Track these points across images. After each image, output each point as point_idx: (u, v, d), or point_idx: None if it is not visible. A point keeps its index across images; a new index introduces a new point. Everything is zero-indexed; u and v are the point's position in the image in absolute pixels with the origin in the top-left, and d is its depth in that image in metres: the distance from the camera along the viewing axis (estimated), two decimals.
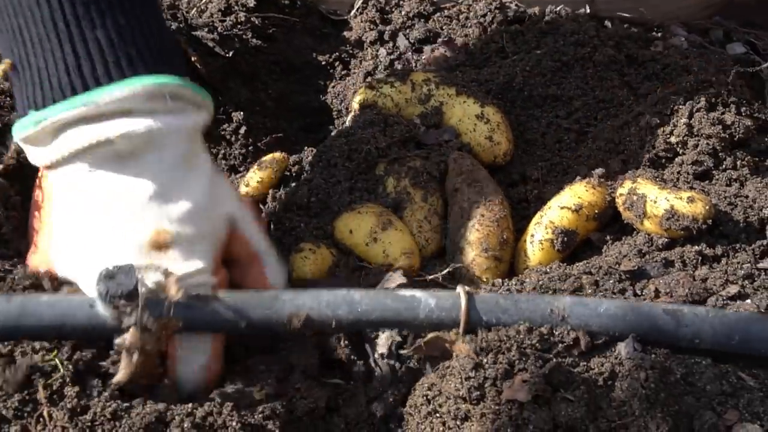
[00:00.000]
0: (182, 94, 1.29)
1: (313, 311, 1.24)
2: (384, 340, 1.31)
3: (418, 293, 1.27)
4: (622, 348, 1.25)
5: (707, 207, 1.39)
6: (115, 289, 1.15)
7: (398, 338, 1.30)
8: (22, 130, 1.26)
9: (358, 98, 1.68)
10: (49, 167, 1.27)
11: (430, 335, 1.26)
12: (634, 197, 1.43)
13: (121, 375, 1.17)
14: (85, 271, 1.23)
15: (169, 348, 1.23)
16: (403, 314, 1.25)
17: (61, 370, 1.15)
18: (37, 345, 1.16)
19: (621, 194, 1.46)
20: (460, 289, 1.26)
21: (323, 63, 1.85)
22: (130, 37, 1.27)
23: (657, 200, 1.41)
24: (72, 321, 1.19)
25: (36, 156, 1.27)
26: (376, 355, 1.30)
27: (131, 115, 1.24)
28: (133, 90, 1.24)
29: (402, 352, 1.28)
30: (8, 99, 1.54)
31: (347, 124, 1.66)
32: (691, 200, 1.39)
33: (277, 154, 1.64)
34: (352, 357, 1.30)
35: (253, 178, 1.61)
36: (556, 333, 1.25)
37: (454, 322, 1.25)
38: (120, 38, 1.26)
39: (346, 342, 1.30)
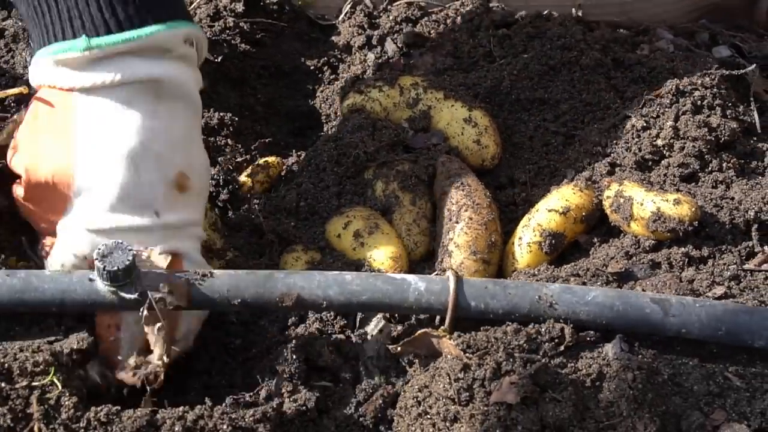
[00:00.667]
0: (199, 45, 1.38)
1: (305, 291, 1.25)
2: (372, 344, 1.32)
3: (408, 277, 1.29)
4: (610, 348, 1.26)
5: (693, 209, 1.40)
6: (112, 265, 1.18)
7: (388, 341, 1.31)
8: (61, 52, 1.30)
9: (346, 102, 1.69)
10: (79, 90, 1.31)
11: (418, 332, 1.27)
12: (621, 200, 1.44)
13: (158, 353, 1.22)
14: (112, 186, 1.29)
15: None
16: (393, 297, 1.26)
17: (59, 387, 1.15)
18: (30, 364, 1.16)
19: (608, 197, 1.47)
20: (449, 273, 1.26)
21: (312, 68, 1.86)
22: None
23: (644, 202, 1.42)
24: (72, 296, 1.22)
25: (66, 77, 1.31)
26: (365, 358, 1.31)
27: (170, 54, 1.32)
28: (176, 33, 1.32)
29: (389, 347, 1.29)
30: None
31: (336, 128, 1.67)
32: (677, 202, 1.40)
33: (272, 158, 1.65)
34: (340, 360, 1.30)
35: (247, 182, 1.62)
36: (543, 331, 1.26)
37: (444, 306, 1.26)
38: None
39: (332, 348, 1.31)
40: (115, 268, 1.19)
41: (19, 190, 1.34)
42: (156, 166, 1.31)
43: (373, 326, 1.33)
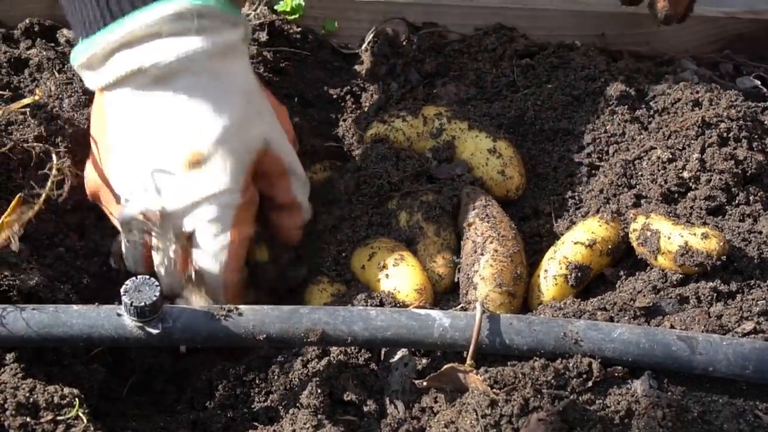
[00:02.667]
0: (212, 14, 1.35)
1: (329, 326, 1.25)
2: (398, 377, 1.31)
3: (433, 312, 1.28)
4: (638, 385, 1.25)
5: (721, 243, 1.38)
6: (139, 300, 1.19)
7: (414, 375, 1.30)
8: (76, 57, 1.36)
9: (369, 132, 1.68)
10: (102, 89, 1.37)
11: (445, 367, 1.26)
12: (648, 233, 1.43)
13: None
14: (132, 187, 1.37)
15: None
16: (418, 332, 1.26)
17: (84, 421, 1.15)
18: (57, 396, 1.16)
19: (634, 229, 1.46)
20: (477, 308, 1.26)
21: (335, 96, 1.85)
22: None
23: (671, 236, 1.40)
24: (100, 331, 1.22)
25: (91, 80, 1.37)
26: (390, 392, 1.30)
27: (161, 37, 1.32)
28: (163, 12, 1.31)
29: (415, 382, 1.27)
30: None
31: (359, 157, 1.66)
32: (705, 236, 1.39)
33: None
34: (364, 394, 1.29)
35: None
36: (571, 366, 1.25)
37: (468, 342, 1.26)
38: None
39: (357, 381, 1.30)
40: (142, 303, 1.19)
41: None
42: (164, 154, 1.35)
43: (398, 360, 1.32)
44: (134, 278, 1.21)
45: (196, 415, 1.29)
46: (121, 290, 1.20)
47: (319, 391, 1.27)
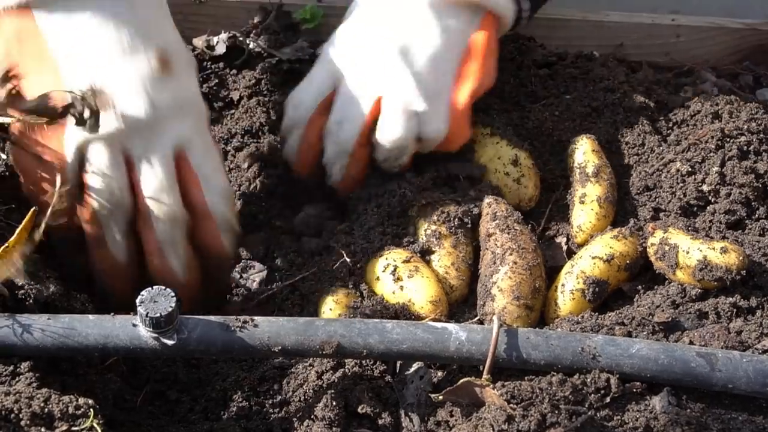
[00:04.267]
0: None
1: (345, 339, 1.24)
2: (413, 390, 1.30)
3: (449, 325, 1.27)
4: (657, 401, 1.24)
5: (741, 257, 1.37)
6: (154, 311, 1.19)
7: (429, 388, 1.29)
8: None
9: None
10: (22, 6, 1.31)
11: (461, 381, 1.25)
12: (666, 247, 1.42)
13: None
14: (112, 83, 1.31)
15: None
16: (434, 346, 1.25)
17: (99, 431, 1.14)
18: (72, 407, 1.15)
19: (652, 244, 1.44)
20: (495, 322, 1.25)
21: None
22: None
23: (689, 251, 1.39)
24: (115, 341, 1.21)
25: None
26: (405, 405, 1.29)
27: None
28: None
29: (431, 395, 1.27)
30: None
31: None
32: (724, 251, 1.38)
33: None
34: (379, 407, 1.28)
35: None
36: (589, 382, 1.24)
37: (484, 357, 1.25)
38: None
39: (372, 394, 1.29)
40: (158, 314, 1.19)
41: None
42: (135, 54, 1.33)
43: (413, 372, 1.32)
44: (150, 288, 1.20)
45: (211, 425, 1.28)
46: (137, 300, 1.20)
47: (333, 403, 1.26)
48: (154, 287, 1.21)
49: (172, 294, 1.20)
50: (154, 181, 1.36)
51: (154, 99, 1.33)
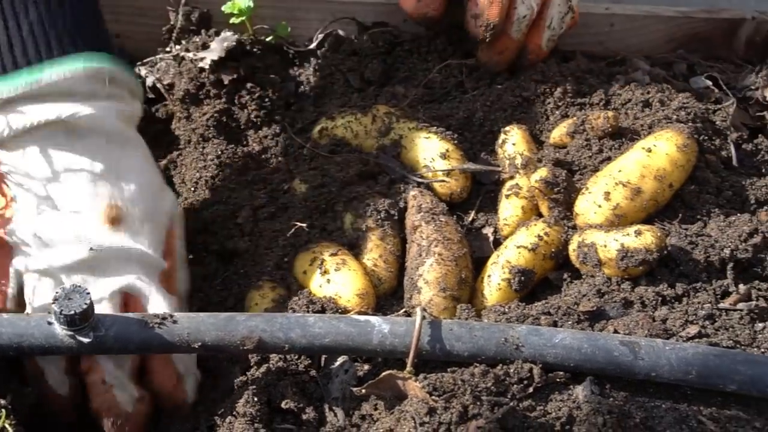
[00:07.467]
0: (120, 79, 1.34)
1: (266, 334, 1.23)
2: (338, 384, 1.28)
3: (372, 318, 1.26)
4: (580, 391, 1.23)
5: (657, 235, 1.37)
6: (69, 309, 1.16)
7: (354, 382, 1.28)
8: None
9: (317, 128, 1.66)
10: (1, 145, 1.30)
11: (383, 374, 1.24)
12: (585, 249, 1.41)
13: None
14: (50, 236, 1.29)
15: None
16: (356, 339, 1.24)
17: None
18: None
19: (573, 250, 1.43)
20: (417, 314, 1.24)
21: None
22: (69, 13, 1.31)
23: (606, 243, 1.39)
24: (30, 340, 1.19)
25: None
26: (330, 399, 1.28)
27: (73, 97, 1.29)
28: (75, 71, 1.28)
29: (354, 390, 1.25)
30: None
31: (305, 157, 1.64)
32: (638, 233, 1.38)
33: None
34: (303, 402, 1.27)
35: None
36: (512, 372, 1.23)
37: (408, 349, 1.24)
38: (57, 15, 1.30)
39: (296, 389, 1.28)
40: (72, 312, 1.16)
41: None
42: (80, 208, 1.30)
43: (338, 366, 1.30)
44: (64, 286, 1.18)
45: None
46: (51, 298, 1.18)
47: (255, 399, 1.25)
48: (69, 284, 1.18)
49: (87, 291, 1.18)
50: None
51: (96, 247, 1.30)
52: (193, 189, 1.65)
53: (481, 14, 1.68)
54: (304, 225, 1.48)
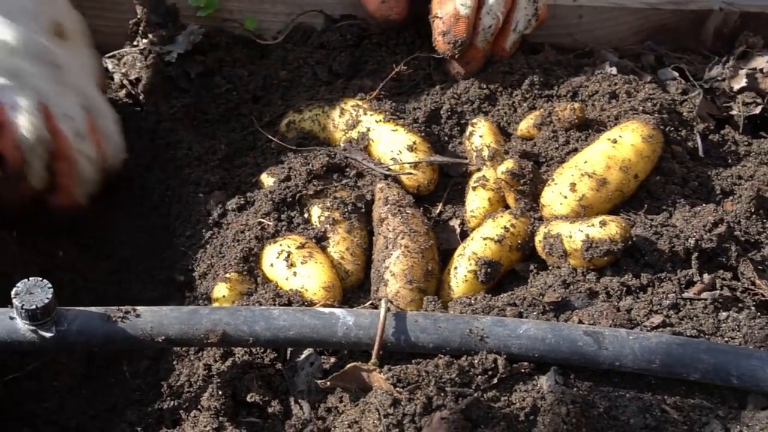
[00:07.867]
0: None
1: (230, 327, 1.23)
2: (303, 377, 1.28)
3: (337, 311, 1.26)
4: (544, 381, 1.24)
5: (621, 225, 1.38)
6: (30, 303, 1.16)
7: (320, 374, 1.28)
8: None
9: (284, 121, 1.66)
10: None
11: (348, 366, 1.24)
12: (551, 239, 1.41)
13: None
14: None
15: None
16: (321, 332, 1.24)
17: None
18: None
19: (539, 242, 1.44)
20: (382, 307, 1.24)
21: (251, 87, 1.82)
22: None
23: (572, 234, 1.39)
24: None
25: None
26: (295, 392, 1.28)
27: None
28: None
29: (319, 382, 1.25)
30: None
31: (273, 150, 1.64)
32: (603, 224, 1.38)
33: None
34: (269, 395, 1.27)
35: None
36: (476, 363, 1.23)
37: (372, 341, 1.24)
38: None
39: (261, 382, 1.27)
40: (34, 306, 1.16)
41: None
42: (29, 21, 1.47)
43: (304, 359, 1.30)
44: (26, 280, 1.17)
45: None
46: (12, 293, 1.17)
47: (220, 392, 1.25)
48: (30, 279, 1.17)
49: (49, 285, 1.17)
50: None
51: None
52: None
53: (448, 31, 1.68)
54: (270, 223, 1.48)
